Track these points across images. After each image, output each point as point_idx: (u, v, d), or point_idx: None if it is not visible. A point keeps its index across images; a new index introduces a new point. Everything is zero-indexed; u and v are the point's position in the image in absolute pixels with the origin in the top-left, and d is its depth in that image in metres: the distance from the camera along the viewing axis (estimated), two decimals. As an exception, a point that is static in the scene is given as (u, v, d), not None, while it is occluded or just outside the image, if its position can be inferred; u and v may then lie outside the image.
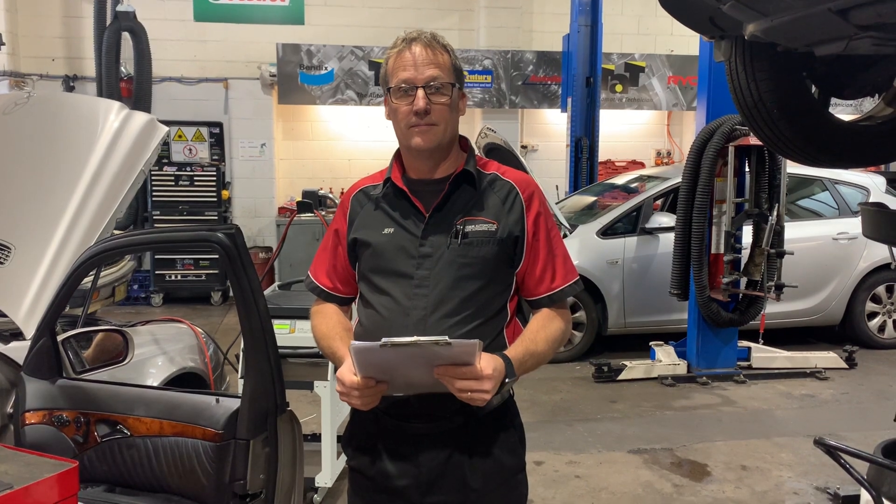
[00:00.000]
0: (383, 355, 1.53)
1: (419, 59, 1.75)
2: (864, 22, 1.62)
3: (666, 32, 10.04)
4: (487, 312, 1.79)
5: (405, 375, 1.62)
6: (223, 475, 2.10)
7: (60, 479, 1.59)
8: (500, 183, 1.85)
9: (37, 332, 2.35)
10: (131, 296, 8.54)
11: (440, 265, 1.77)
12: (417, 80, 1.74)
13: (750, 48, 2.21)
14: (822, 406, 5.47)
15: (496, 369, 1.61)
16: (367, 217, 1.89)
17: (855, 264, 6.70)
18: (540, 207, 1.83)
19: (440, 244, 1.78)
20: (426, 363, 1.57)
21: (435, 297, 1.76)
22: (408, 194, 1.83)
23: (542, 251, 1.83)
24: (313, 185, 7.83)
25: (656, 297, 6.33)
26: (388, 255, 1.81)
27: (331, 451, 3.78)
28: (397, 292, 1.80)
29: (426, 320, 1.76)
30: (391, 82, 1.78)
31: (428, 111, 1.74)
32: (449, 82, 1.77)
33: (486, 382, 1.57)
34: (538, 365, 1.78)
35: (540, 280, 1.83)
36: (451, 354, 1.54)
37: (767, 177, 5.61)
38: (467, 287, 1.77)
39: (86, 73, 8.95)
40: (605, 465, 4.34)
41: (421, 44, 1.76)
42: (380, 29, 9.61)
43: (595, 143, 8.20)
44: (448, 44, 1.82)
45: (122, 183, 3.05)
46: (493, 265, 1.79)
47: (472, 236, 1.78)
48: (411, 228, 1.81)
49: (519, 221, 1.81)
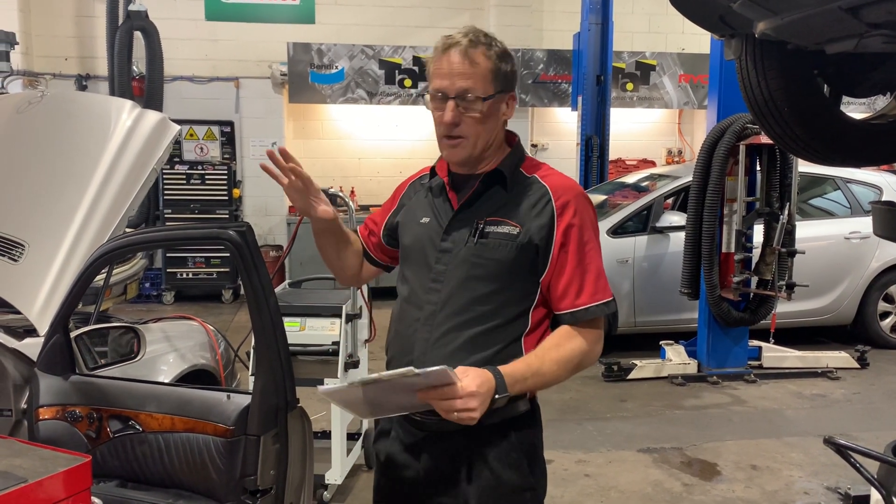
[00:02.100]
0: (357, 392, 1.54)
1: (454, 68, 1.69)
2: (876, 19, 1.61)
3: (677, 31, 10.00)
4: (499, 318, 1.73)
5: (392, 402, 1.60)
6: (234, 471, 2.11)
7: (73, 473, 1.60)
8: (536, 186, 1.77)
9: (50, 329, 2.37)
10: (143, 293, 8.58)
11: (455, 262, 1.75)
12: (449, 91, 1.69)
13: (760, 46, 2.20)
14: (833, 406, 5.44)
15: (482, 385, 1.55)
16: (415, 204, 1.90)
17: (867, 264, 6.66)
18: (574, 218, 1.72)
19: (460, 241, 1.76)
20: (407, 390, 1.53)
21: (446, 293, 1.75)
22: (445, 187, 1.82)
23: (570, 264, 1.72)
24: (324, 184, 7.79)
25: (667, 297, 6.31)
26: (418, 244, 1.83)
27: (340, 448, 3.79)
28: (416, 284, 1.81)
29: (436, 315, 1.74)
30: (430, 87, 1.76)
31: (457, 124, 1.70)
32: (481, 96, 1.69)
33: (471, 400, 1.52)
34: (545, 386, 1.71)
35: (563, 295, 1.73)
36: (427, 382, 1.50)
37: (779, 175, 5.58)
38: (477, 288, 1.73)
39: (98, 73, 9.00)
40: (615, 464, 4.33)
41: (458, 51, 1.69)
42: (390, 28, 9.63)
43: (605, 142, 8.18)
44: (494, 43, 1.73)
45: (134, 181, 3.07)
46: (511, 270, 1.73)
47: (491, 237, 1.73)
48: (441, 220, 1.81)
49: (545, 228, 1.72)
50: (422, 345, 1.75)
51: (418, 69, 9.28)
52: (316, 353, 3.70)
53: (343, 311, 3.76)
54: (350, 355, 3.82)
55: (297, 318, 3.72)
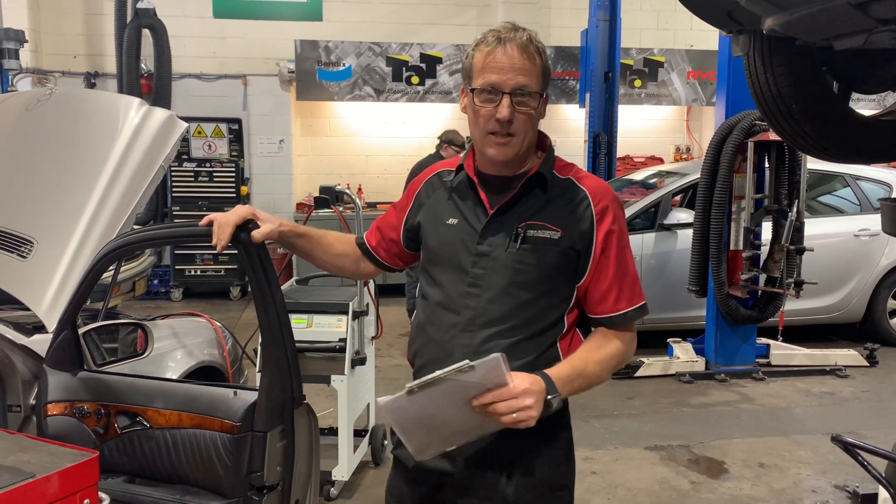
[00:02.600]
0: (414, 403, 1.48)
1: (513, 62, 1.64)
2: (885, 15, 1.60)
3: (685, 27, 9.97)
4: (540, 324, 1.71)
5: (448, 423, 1.55)
6: (240, 467, 2.12)
7: (81, 468, 1.61)
8: (574, 190, 1.74)
9: (58, 326, 2.38)
10: (151, 290, 8.64)
11: (495, 267, 1.70)
12: (506, 85, 1.64)
13: (768, 42, 2.19)
14: (841, 404, 5.42)
15: (534, 383, 1.53)
16: (436, 203, 1.84)
17: (876, 261, 6.63)
18: (613, 224, 1.71)
19: (498, 245, 1.70)
20: (461, 399, 1.50)
21: (486, 298, 1.70)
22: (477, 187, 1.76)
23: (610, 270, 1.71)
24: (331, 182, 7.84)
25: (674, 294, 6.29)
26: (448, 246, 1.76)
27: (347, 445, 3.80)
28: (450, 288, 1.75)
29: (475, 321, 1.70)
30: (475, 81, 1.67)
31: (511, 121, 1.65)
32: (537, 91, 1.67)
33: (527, 398, 1.50)
34: (589, 386, 1.70)
35: (603, 300, 1.72)
36: (480, 377, 1.47)
37: (787, 172, 5.55)
38: (520, 295, 1.69)
39: (107, 70, 9.05)
40: (622, 462, 4.33)
41: (516, 45, 1.64)
42: (397, 25, 9.63)
43: (613, 139, 8.15)
44: (542, 45, 1.70)
45: (142, 178, 3.08)
46: (552, 275, 1.70)
47: (533, 242, 1.69)
48: (473, 223, 1.74)
49: (586, 234, 1.70)
50: (461, 350, 1.69)
51: (426, 66, 9.27)
52: (323, 349, 3.71)
53: (350, 307, 3.77)
54: (357, 352, 3.83)
55: (304, 315, 3.73)
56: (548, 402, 1.56)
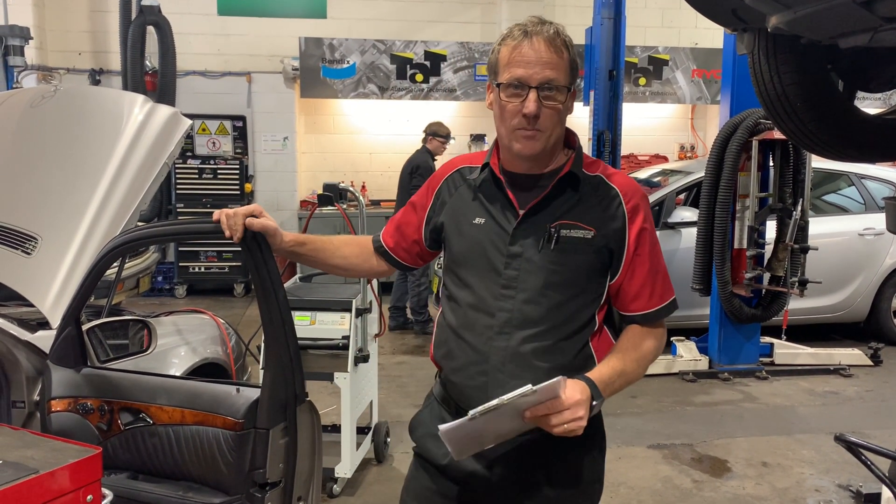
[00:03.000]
0: (475, 426, 1.49)
1: (541, 56, 1.61)
2: (890, 13, 1.60)
3: (690, 25, 9.94)
4: (574, 324, 1.70)
5: (495, 431, 1.57)
6: (243, 463, 2.12)
7: (85, 464, 1.62)
8: (605, 188, 1.72)
9: (62, 322, 2.39)
10: (155, 287, 8.65)
11: (530, 268, 1.67)
12: (532, 79, 1.61)
13: (773, 41, 2.18)
14: (845, 403, 5.41)
15: (583, 391, 1.54)
16: (459, 202, 1.79)
17: (881, 260, 6.61)
18: (645, 222, 1.72)
19: (531, 246, 1.67)
20: (514, 413, 1.51)
21: (521, 300, 1.67)
22: (504, 186, 1.72)
23: (644, 267, 1.72)
24: (335, 179, 7.86)
25: (678, 292, 6.20)
26: (477, 247, 1.72)
27: (350, 442, 3.81)
28: (483, 290, 1.71)
29: (511, 322, 1.67)
30: (502, 76, 1.65)
31: (538, 116, 1.62)
32: (565, 85, 1.64)
33: (579, 409, 1.51)
34: (627, 385, 1.69)
35: (636, 297, 1.73)
36: (538, 399, 1.49)
37: (792, 171, 5.54)
38: (555, 296, 1.67)
39: (111, 67, 9.05)
40: (625, 460, 4.33)
41: (543, 39, 1.62)
42: (402, 23, 9.61)
43: (617, 137, 8.11)
44: (569, 38, 1.67)
45: (146, 175, 3.08)
46: (586, 275, 1.69)
47: (566, 242, 1.67)
48: (503, 223, 1.71)
49: (619, 232, 1.69)
50: (499, 353, 1.68)
51: (430, 64, 9.26)
52: (326, 347, 3.71)
53: (353, 305, 3.77)
54: (360, 349, 3.83)
55: (308, 313, 3.73)
56: (592, 408, 1.57)
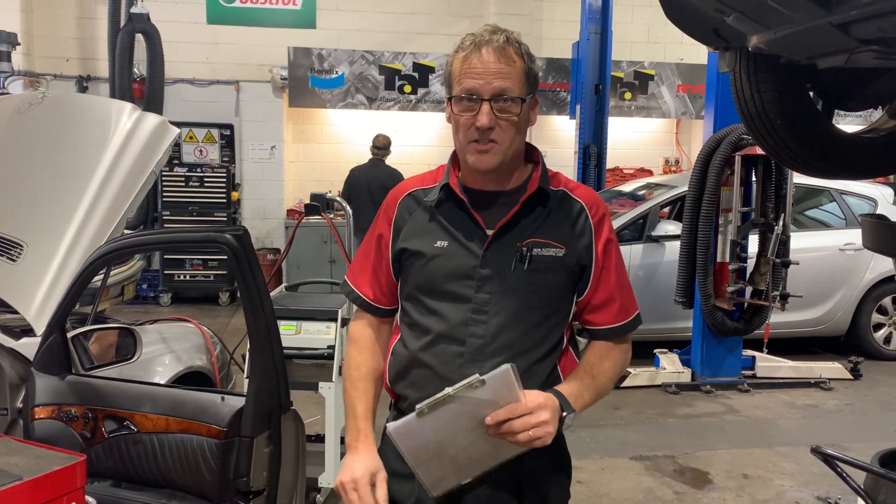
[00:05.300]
0: (425, 427, 1.43)
1: (488, 67, 1.54)
2: (866, 36, 1.64)
3: (676, 41, 10.05)
4: (547, 345, 1.64)
5: (462, 449, 1.49)
6: (227, 472, 2.13)
7: (68, 472, 1.62)
8: (570, 202, 1.67)
9: (47, 329, 2.39)
10: (140, 295, 8.61)
11: (502, 290, 1.60)
12: (484, 91, 1.54)
13: (754, 59, 2.23)
14: (825, 416, 5.46)
15: (547, 398, 1.50)
16: (416, 226, 1.68)
17: (861, 275, 6.69)
18: (610, 233, 1.68)
19: (503, 267, 1.60)
20: (473, 420, 1.45)
21: (495, 325, 1.60)
22: (466, 206, 1.64)
23: (611, 280, 1.68)
24: (322, 188, 7.87)
25: (661, 305, 6.32)
26: (442, 272, 1.63)
27: (334, 452, 3.80)
28: (452, 317, 1.62)
29: (483, 350, 1.60)
30: (454, 89, 1.59)
31: (491, 127, 1.55)
32: (519, 96, 1.57)
33: (542, 413, 1.46)
34: (599, 398, 1.65)
35: (604, 311, 1.69)
36: (492, 394, 1.43)
37: (774, 186, 5.61)
38: (530, 318, 1.61)
39: (99, 74, 9.03)
40: (607, 472, 4.35)
41: (492, 49, 1.55)
42: (391, 34, 9.67)
43: (603, 151, 8.21)
44: (524, 45, 1.60)
45: (134, 183, 3.09)
46: (559, 294, 1.65)
47: (539, 262, 1.60)
48: (469, 245, 1.62)
49: (588, 247, 1.65)
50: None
51: (418, 75, 9.31)
52: (311, 356, 3.71)
53: (339, 315, 3.78)
54: (345, 359, 3.83)
55: (293, 322, 3.73)
56: (562, 420, 1.53)
